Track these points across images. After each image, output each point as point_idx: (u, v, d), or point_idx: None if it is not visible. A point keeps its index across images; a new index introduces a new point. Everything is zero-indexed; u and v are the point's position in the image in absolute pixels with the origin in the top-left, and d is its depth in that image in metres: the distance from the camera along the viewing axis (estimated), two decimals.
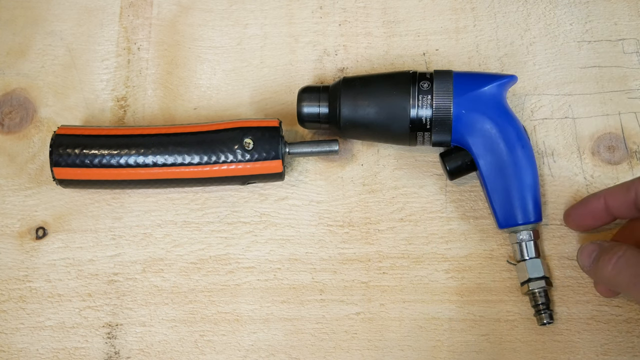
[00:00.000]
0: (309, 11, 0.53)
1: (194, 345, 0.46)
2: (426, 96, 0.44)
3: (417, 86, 0.44)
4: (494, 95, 0.44)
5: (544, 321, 0.44)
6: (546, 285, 0.44)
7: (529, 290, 0.44)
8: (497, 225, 0.45)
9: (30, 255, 0.48)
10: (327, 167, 0.49)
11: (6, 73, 0.53)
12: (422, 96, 0.44)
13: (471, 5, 0.52)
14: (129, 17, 0.54)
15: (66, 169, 0.45)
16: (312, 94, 0.47)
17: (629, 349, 0.44)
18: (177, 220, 0.49)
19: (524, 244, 0.44)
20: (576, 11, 0.51)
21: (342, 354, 0.45)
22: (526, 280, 0.44)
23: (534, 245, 0.44)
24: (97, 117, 0.52)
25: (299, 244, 0.48)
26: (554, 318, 0.44)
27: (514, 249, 0.45)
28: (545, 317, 0.44)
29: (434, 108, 0.44)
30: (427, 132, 0.44)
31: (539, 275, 0.44)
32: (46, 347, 0.46)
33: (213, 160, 0.45)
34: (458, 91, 0.44)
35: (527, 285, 0.44)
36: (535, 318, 0.44)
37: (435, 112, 0.44)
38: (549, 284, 0.44)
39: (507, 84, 0.45)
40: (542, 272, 0.44)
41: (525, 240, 0.44)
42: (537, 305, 0.44)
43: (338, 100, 0.45)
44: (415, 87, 0.44)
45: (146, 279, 0.48)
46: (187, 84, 0.52)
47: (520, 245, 0.44)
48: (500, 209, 0.44)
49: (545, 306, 0.44)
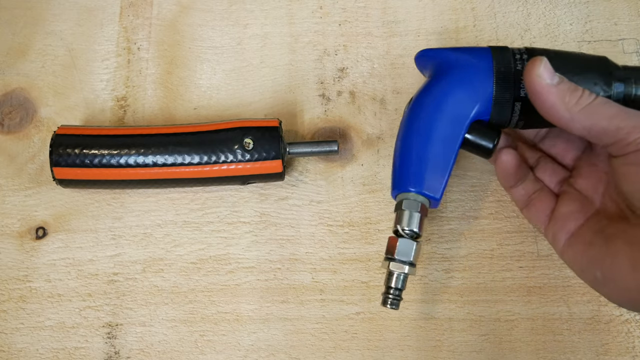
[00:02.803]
0: (309, 11, 0.53)
1: (194, 345, 0.46)
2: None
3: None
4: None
5: (387, 304, 0.40)
6: (409, 271, 0.40)
7: (389, 269, 0.40)
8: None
9: (30, 255, 0.48)
10: (327, 167, 0.49)
11: (6, 73, 0.53)
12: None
13: (471, 5, 0.52)
14: (129, 17, 0.54)
15: (66, 169, 0.45)
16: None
17: (629, 349, 0.44)
18: (177, 220, 0.49)
19: (409, 214, 0.41)
20: (576, 11, 0.52)
21: (342, 354, 0.45)
22: (391, 258, 0.40)
23: (420, 220, 0.41)
24: (97, 117, 0.52)
25: (299, 244, 0.48)
26: (399, 307, 0.41)
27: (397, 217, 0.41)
28: (392, 302, 0.40)
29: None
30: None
31: (406, 259, 0.40)
32: (46, 347, 0.46)
33: (213, 160, 0.45)
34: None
35: (388, 262, 0.40)
36: (381, 297, 0.41)
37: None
38: (413, 271, 0.40)
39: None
40: (410, 257, 0.40)
41: (413, 210, 0.41)
42: (391, 287, 0.40)
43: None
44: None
45: (146, 279, 0.48)
46: (187, 84, 0.52)
47: (404, 214, 0.41)
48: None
49: (398, 292, 0.40)
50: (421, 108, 0.42)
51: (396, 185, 0.42)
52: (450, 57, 0.42)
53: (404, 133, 0.42)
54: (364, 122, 0.50)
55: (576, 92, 0.37)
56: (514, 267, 0.46)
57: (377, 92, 0.51)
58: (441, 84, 0.42)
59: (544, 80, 0.37)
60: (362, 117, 0.50)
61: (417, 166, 0.41)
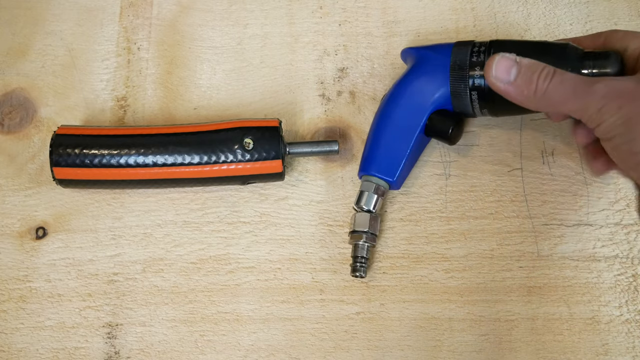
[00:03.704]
0: (309, 11, 0.53)
1: (194, 345, 0.46)
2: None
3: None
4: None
5: (356, 273, 0.45)
6: (369, 241, 0.45)
7: (353, 241, 0.46)
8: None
9: (30, 255, 0.48)
10: (327, 167, 0.49)
11: (6, 73, 0.53)
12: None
13: (471, 5, 0.52)
14: (129, 17, 0.54)
15: (66, 169, 0.45)
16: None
17: (629, 349, 0.44)
18: (177, 220, 0.49)
19: (366, 194, 0.46)
20: (576, 11, 0.51)
21: (342, 354, 0.45)
22: (352, 231, 0.46)
23: (375, 200, 0.46)
24: (97, 117, 0.52)
25: (299, 244, 0.48)
26: (366, 274, 0.46)
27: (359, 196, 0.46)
28: (360, 270, 0.45)
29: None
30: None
31: (363, 229, 0.45)
32: (46, 347, 0.46)
33: (213, 160, 0.45)
34: None
35: (350, 235, 0.46)
36: (350, 267, 0.46)
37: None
38: (373, 240, 0.46)
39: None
40: (367, 226, 0.45)
41: (368, 191, 0.46)
42: (356, 257, 0.45)
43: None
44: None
45: (146, 279, 0.48)
46: (187, 84, 0.52)
47: (362, 194, 0.46)
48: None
49: (363, 260, 0.45)
50: (388, 99, 0.47)
51: (361, 167, 0.47)
52: (418, 53, 0.47)
53: (374, 121, 0.47)
54: (364, 122, 0.50)
55: (531, 83, 0.38)
56: (514, 267, 0.46)
57: (377, 92, 0.51)
58: (406, 78, 0.47)
59: (499, 81, 0.39)
60: (362, 117, 0.50)
61: (376, 152, 0.46)
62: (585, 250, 0.46)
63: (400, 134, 0.46)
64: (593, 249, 0.46)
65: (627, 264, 0.45)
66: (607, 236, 0.46)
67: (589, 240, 0.46)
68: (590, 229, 0.46)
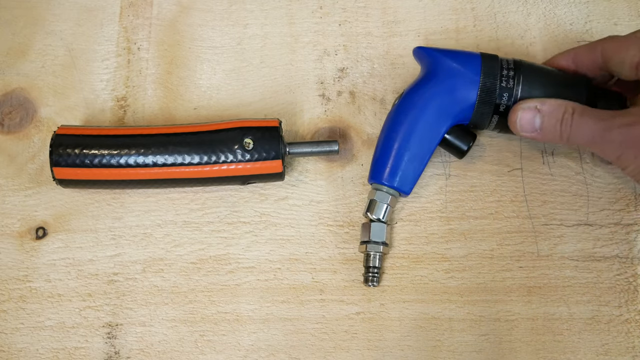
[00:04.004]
0: (309, 11, 0.53)
1: (194, 345, 0.46)
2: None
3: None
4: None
5: (369, 283, 0.46)
6: (382, 251, 0.46)
7: (366, 251, 0.46)
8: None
9: (30, 255, 0.48)
10: (327, 167, 0.49)
11: (6, 73, 0.53)
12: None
13: (471, 5, 0.52)
14: (129, 17, 0.54)
15: (66, 169, 0.45)
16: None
17: (629, 349, 0.44)
18: (177, 220, 0.49)
19: (382, 205, 0.45)
20: (576, 11, 0.52)
21: (342, 354, 0.45)
22: (367, 240, 0.46)
23: (389, 209, 0.46)
24: (97, 117, 0.52)
25: (299, 244, 0.48)
26: (379, 283, 0.46)
27: (369, 205, 0.46)
28: (373, 280, 0.46)
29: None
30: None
31: (379, 240, 0.45)
32: (46, 347, 0.46)
33: (213, 160, 0.45)
34: None
35: (365, 245, 0.46)
36: (363, 277, 0.46)
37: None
38: (386, 251, 0.46)
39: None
40: (383, 237, 0.45)
41: (382, 201, 0.45)
42: (369, 267, 0.45)
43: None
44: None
45: (146, 279, 0.48)
46: (187, 84, 0.52)
47: (376, 204, 0.46)
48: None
49: (376, 270, 0.45)
50: (408, 106, 0.45)
51: (373, 175, 0.46)
52: (441, 60, 0.45)
53: (389, 126, 0.46)
54: (364, 122, 0.50)
55: (555, 131, 0.41)
56: (514, 267, 0.46)
57: (377, 92, 0.51)
58: (429, 86, 0.45)
59: (526, 132, 0.42)
60: (362, 117, 0.50)
61: (394, 162, 0.45)
62: (585, 250, 0.46)
63: (419, 146, 0.45)
64: (593, 249, 0.46)
65: (627, 263, 0.45)
66: (607, 236, 0.46)
67: (589, 240, 0.46)
68: (590, 229, 0.46)
